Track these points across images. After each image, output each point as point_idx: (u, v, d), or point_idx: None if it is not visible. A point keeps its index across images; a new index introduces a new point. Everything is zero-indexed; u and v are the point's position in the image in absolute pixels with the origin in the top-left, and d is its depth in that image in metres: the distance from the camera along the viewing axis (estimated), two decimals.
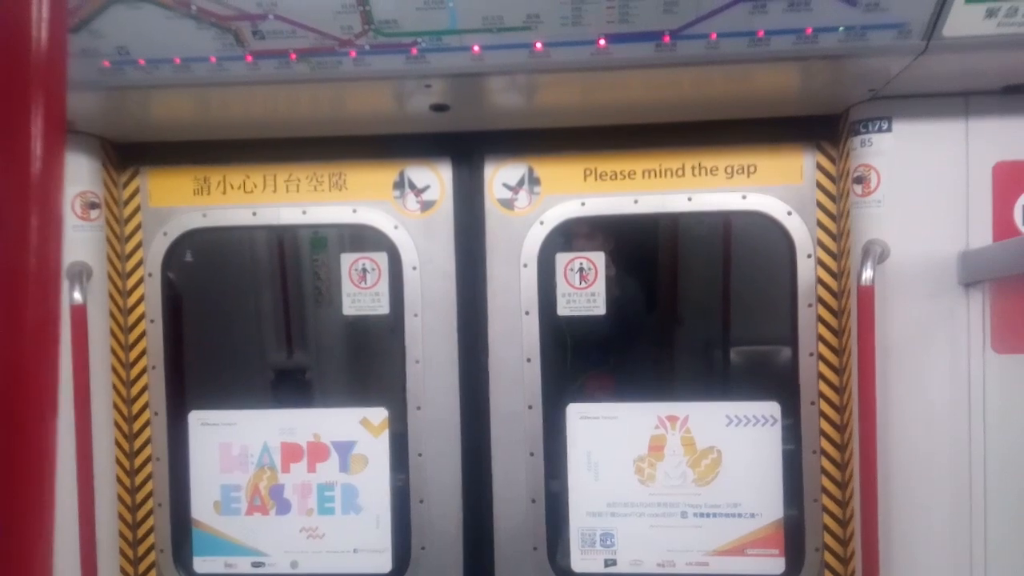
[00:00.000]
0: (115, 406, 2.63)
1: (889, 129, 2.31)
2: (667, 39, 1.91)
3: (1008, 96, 2.25)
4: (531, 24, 1.89)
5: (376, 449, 2.69)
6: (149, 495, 2.70)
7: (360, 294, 2.67)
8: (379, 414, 2.69)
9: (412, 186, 2.62)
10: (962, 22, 1.85)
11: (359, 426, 2.70)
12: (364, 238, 2.72)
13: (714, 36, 1.90)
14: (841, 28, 1.87)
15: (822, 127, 2.47)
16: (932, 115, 2.28)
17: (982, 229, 2.29)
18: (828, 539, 2.50)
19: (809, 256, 2.50)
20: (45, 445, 0.66)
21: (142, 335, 2.68)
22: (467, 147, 2.61)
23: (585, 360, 2.92)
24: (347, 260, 2.67)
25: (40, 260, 0.64)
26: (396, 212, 2.63)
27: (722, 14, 1.85)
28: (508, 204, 2.61)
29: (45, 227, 0.64)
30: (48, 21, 0.65)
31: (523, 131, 2.54)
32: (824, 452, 2.50)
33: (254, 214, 2.66)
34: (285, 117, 2.41)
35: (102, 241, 2.58)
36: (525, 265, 2.60)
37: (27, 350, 0.64)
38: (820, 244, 2.49)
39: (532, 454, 2.62)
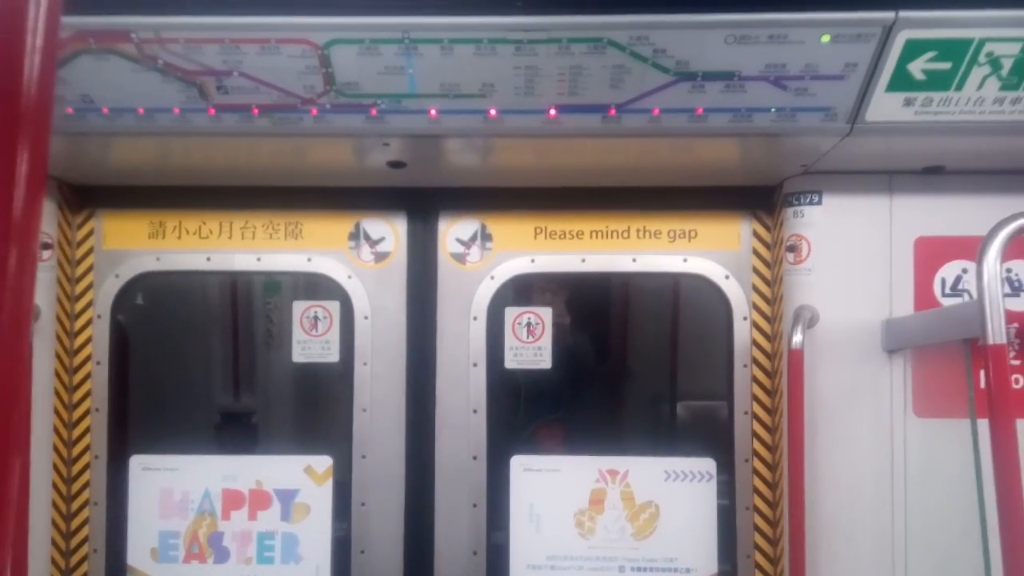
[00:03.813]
0: (55, 448, 2.60)
1: (820, 202, 2.46)
2: (613, 112, 2.03)
3: (928, 176, 2.42)
4: (486, 92, 2.00)
5: (319, 498, 2.69)
6: (84, 540, 2.65)
7: (311, 341, 2.70)
8: (323, 462, 2.70)
9: (367, 237, 2.69)
10: (883, 109, 2.01)
11: (303, 474, 2.70)
12: (318, 286, 2.76)
13: (656, 111, 2.02)
14: (773, 109, 2.02)
15: (758, 197, 2.62)
16: (859, 191, 2.44)
17: (904, 299, 2.43)
18: None
19: (745, 318, 2.61)
20: (7, 487, 0.69)
21: (87, 377, 2.66)
22: (422, 202, 2.69)
23: (530, 413, 2.97)
24: (299, 308, 2.70)
25: (14, 306, 0.68)
26: (350, 262, 2.68)
27: (663, 91, 1.98)
28: (460, 258, 2.68)
29: (21, 272, 0.68)
30: (39, 70, 0.70)
31: (477, 189, 2.64)
32: (757, 509, 2.58)
33: (208, 259, 2.68)
34: (244, 167, 2.47)
35: (52, 282, 2.58)
36: (475, 318, 2.66)
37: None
38: (755, 307, 2.61)
39: (475, 505, 2.65)
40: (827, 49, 1.88)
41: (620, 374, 3.23)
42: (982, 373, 2.16)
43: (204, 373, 3.32)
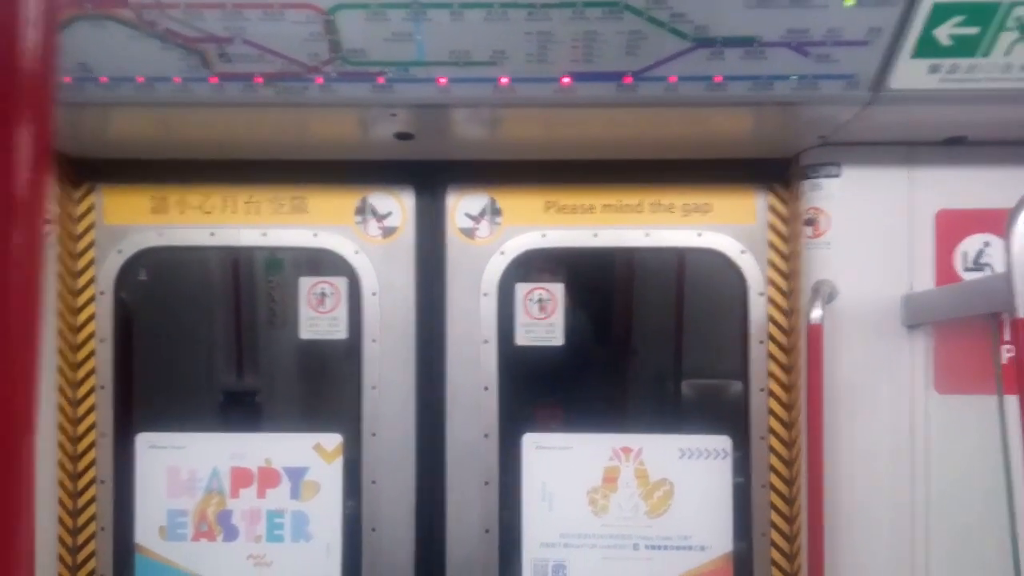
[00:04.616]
0: (60, 426, 2.57)
1: (838, 174, 2.40)
2: (628, 80, 1.97)
3: (950, 147, 2.36)
4: (497, 59, 1.93)
5: (329, 476, 2.66)
6: (91, 519, 2.63)
7: (318, 318, 2.66)
8: (333, 440, 2.67)
9: (374, 212, 2.63)
10: (907, 76, 1.94)
11: (312, 452, 2.67)
12: (321, 262, 2.72)
13: (673, 79, 1.96)
14: (794, 77, 1.95)
15: (775, 170, 2.56)
16: (879, 163, 2.38)
17: (925, 273, 2.38)
18: (776, 573, 2.54)
19: (761, 294, 2.56)
20: (25, 463, 0.67)
21: (91, 354, 2.62)
22: (430, 176, 2.63)
23: (542, 390, 2.93)
24: (306, 284, 2.66)
25: (23, 288, 0.65)
26: (357, 237, 2.63)
27: (682, 58, 1.91)
28: (469, 233, 2.63)
29: (29, 254, 0.65)
30: (40, 38, 0.66)
31: (486, 162, 2.58)
32: (773, 487, 2.55)
33: (212, 234, 2.64)
34: (248, 139, 2.41)
35: (53, 258, 2.53)
36: (485, 294, 2.62)
37: (8, 369, 0.64)
38: (772, 283, 2.56)
39: (487, 483, 2.62)
40: (851, 13, 1.81)
41: (634, 351, 3.19)
42: (1004, 348, 2.14)
43: (211, 350, 3.30)
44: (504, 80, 1.98)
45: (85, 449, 2.63)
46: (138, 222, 2.63)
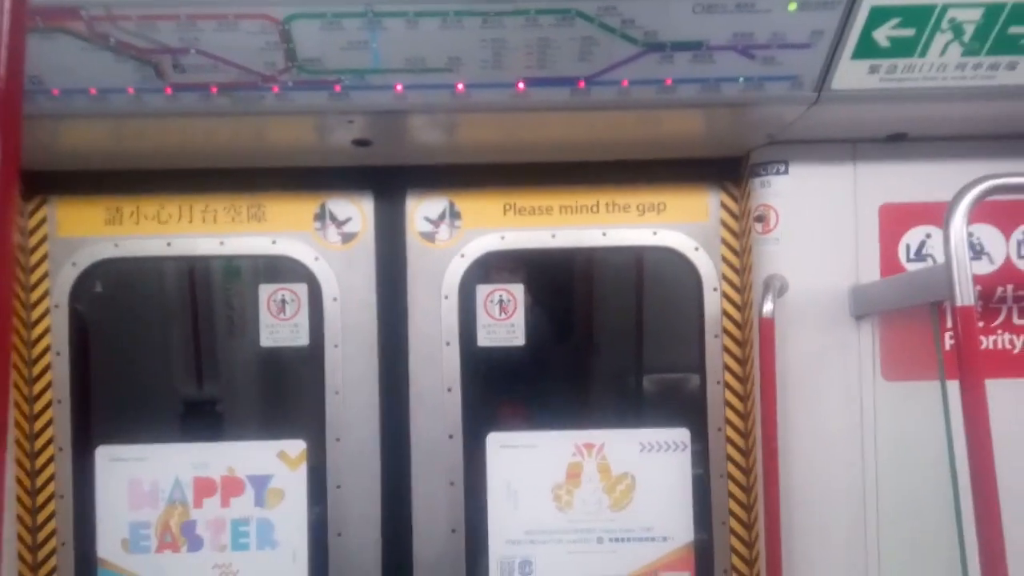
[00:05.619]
0: (17, 442, 2.53)
1: (786, 172, 2.47)
2: (582, 84, 2.01)
3: (891, 144, 2.45)
4: (453, 66, 1.96)
5: (293, 482, 2.66)
6: (52, 534, 2.59)
7: (279, 325, 2.65)
8: (297, 446, 2.67)
9: (333, 218, 2.64)
10: (849, 77, 2.02)
11: (276, 459, 2.66)
12: (280, 269, 2.71)
13: (625, 83, 2.01)
14: (741, 79, 2.01)
15: (726, 168, 2.63)
16: (824, 160, 2.46)
17: (870, 265, 2.47)
18: (736, 560, 2.61)
19: (715, 289, 2.63)
20: None
21: (47, 368, 2.58)
22: (389, 181, 2.64)
23: (505, 390, 2.96)
24: (265, 291, 2.65)
25: None
26: (317, 244, 2.64)
27: (633, 63, 1.96)
28: (429, 237, 2.65)
29: None
30: (5, 56, 0.67)
31: (444, 166, 2.60)
32: (731, 476, 2.62)
33: (168, 244, 2.62)
34: (203, 148, 2.40)
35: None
36: (446, 297, 2.64)
37: None
38: (725, 278, 2.63)
39: (452, 484, 2.64)
40: (794, 17, 1.88)
41: (593, 348, 3.24)
42: (946, 335, 2.23)
43: (170, 360, 3.25)
44: (460, 86, 2.01)
45: (43, 464, 2.59)
46: (92, 234, 2.60)
